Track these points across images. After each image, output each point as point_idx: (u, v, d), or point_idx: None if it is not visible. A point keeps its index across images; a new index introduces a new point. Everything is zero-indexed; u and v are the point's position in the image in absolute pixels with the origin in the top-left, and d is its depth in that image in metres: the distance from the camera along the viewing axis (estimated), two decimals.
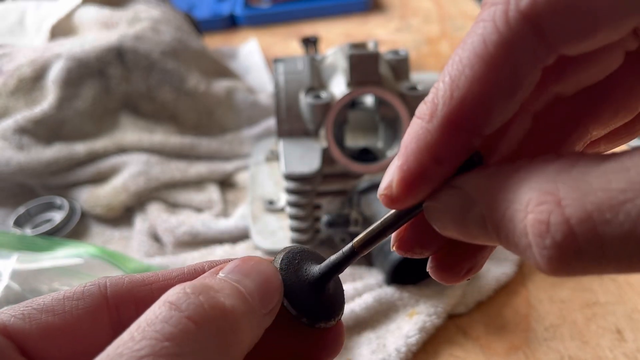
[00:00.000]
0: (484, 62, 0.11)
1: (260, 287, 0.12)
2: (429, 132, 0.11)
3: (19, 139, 0.43)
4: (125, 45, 0.47)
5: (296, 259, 0.14)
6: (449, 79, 0.11)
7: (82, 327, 0.13)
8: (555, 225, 0.09)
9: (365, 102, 0.41)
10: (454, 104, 0.11)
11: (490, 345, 0.31)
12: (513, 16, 0.10)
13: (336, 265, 0.14)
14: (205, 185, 0.44)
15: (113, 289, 0.13)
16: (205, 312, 0.11)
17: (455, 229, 0.11)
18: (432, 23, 0.70)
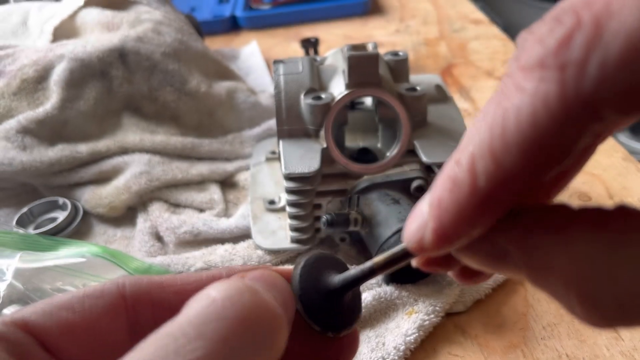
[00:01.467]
0: (534, 142, 0.09)
1: (288, 298, 0.13)
2: (469, 205, 0.10)
3: (21, 140, 0.43)
4: (127, 46, 0.47)
5: (317, 266, 0.14)
6: (489, 154, 0.10)
7: (101, 325, 0.13)
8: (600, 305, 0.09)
9: (365, 103, 0.42)
10: (499, 184, 0.10)
11: (489, 343, 0.31)
12: (572, 101, 0.09)
13: (354, 280, 0.14)
14: (207, 185, 0.45)
15: (131, 289, 0.13)
16: (257, 311, 0.11)
17: (486, 269, 0.11)
18: (431, 25, 0.70)
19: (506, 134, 0.09)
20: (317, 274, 0.14)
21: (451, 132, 0.36)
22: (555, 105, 0.09)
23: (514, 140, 0.09)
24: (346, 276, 0.14)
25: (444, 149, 0.34)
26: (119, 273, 0.34)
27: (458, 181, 0.10)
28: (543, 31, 0.09)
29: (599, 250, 0.10)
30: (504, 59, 0.61)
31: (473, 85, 0.57)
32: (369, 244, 0.35)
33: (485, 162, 0.10)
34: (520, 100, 0.09)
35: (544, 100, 0.09)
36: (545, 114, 0.09)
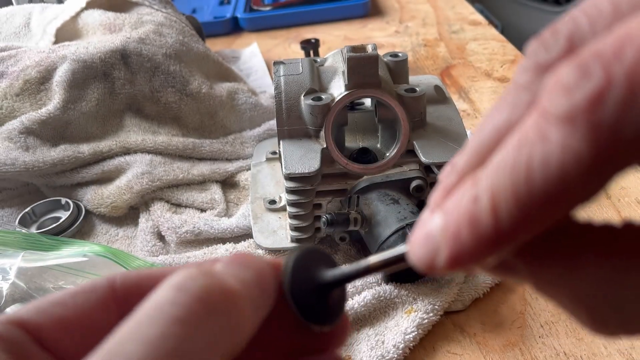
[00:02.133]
0: (561, 192, 0.09)
1: (257, 278, 0.13)
2: (489, 242, 0.10)
3: (24, 140, 0.43)
4: (129, 47, 0.48)
5: (308, 259, 0.14)
6: (513, 200, 0.09)
7: (94, 319, 0.13)
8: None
9: (365, 104, 0.42)
10: (521, 227, 0.09)
11: (487, 341, 0.32)
12: (605, 160, 0.08)
13: (347, 276, 0.14)
14: (208, 185, 0.45)
15: (122, 283, 0.14)
16: (212, 293, 0.11)
17: (490, 275, 0.11)
18: (430, 26, 0.71)
19: (532, 183, 0.09)
20: (308, 268, 0.14)
21: (450, 133, 0.36)
22: (586, 162, 0.08)
23: (541, 189, 0.09)
24: (339, 272, 0.14)
25: (443, 149, 0.34)
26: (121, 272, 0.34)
27: (479, 220, 0.10)
28: (569, 79, 0.09)
29: (608, 276, 0.10)
30: (502, 60, 0.62)
31: (472, 86, 0.58)
32: (369, 244, 0.35)
33: (509, 207, 0.09)
34: (546, 150, 0.09)
35: (574, 156, 0.08)
36: (575, 169, 0.09)
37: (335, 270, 0.15)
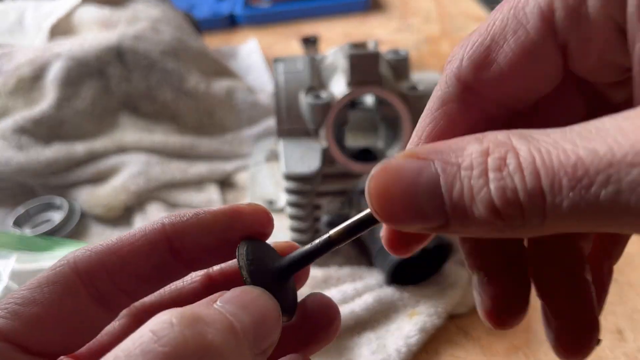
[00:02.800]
0: None
1: (257, 324, 0.12)
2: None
3: (18, 139, 0.43)
4: (125, 44, 0.47)
5: (261, 249, 0.14)
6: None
7: (65, 309, 0.13)
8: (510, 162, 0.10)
9: (366, 102, 0.41)
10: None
11: (491, 345, 0.31)
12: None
13: (309, 255, 0.13)
14: (205, 185, 0.44)
15: (83, 264, 0.14)
16: (188, 348, 0.10)
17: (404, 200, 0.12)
18: (432, 23, 0.70)
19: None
20: (263, 254, 0.14)
21: None
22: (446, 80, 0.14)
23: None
24: (299, 252, 0.13)
25: None
26: None
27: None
28: None
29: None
30: None
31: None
32: (369, 245, 0.34)
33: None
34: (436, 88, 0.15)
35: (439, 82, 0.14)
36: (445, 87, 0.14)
37: (293, 253, 0.14)
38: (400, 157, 0.11)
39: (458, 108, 0.14)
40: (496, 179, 0.10)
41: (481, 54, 0.13)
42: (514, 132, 0.11)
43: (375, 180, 0.11)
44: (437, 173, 0.11)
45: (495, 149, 0.10)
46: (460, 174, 0.11)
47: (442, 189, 0.11)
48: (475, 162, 0.10)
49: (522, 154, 0.10)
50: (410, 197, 0.11)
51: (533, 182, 0.10)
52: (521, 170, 0.10)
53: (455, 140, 0.11)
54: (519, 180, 0.10)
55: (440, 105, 0.14)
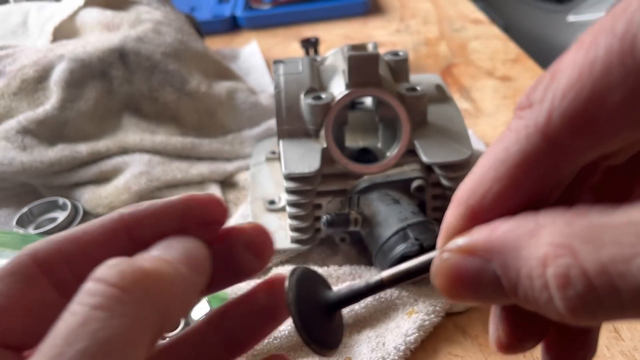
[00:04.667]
0: (508, 175, 0.12)
1: (185, 254, 0.13)
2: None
3: (21, 140, 0.43)
4: (128, 46, 0.47)
5: (308, 278, 0.14)
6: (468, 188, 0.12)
7: (27, 299, 0.13)
8: (576, 278, 0.09)
9: (365, 103, 0.42)
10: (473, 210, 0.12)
11: (489, 343, 0.31)
12: (536, 130, 0.11)
13: (358, 294, 0.14)
14: (207, 185, 0.45)
15: (42, 254, 0.14)
16: (127, 276, 0.11)
17: (469, 293, 0.12)
18: (431, 24, 0.70)
19: (484, 165, 0.12)
20: (310, 288, 0.14)
21: (451, 132, 0.36)
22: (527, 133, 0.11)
23: (490, 169, 0.12)
24: (349, 289, 0.14)
25: (444, 149, 0.34)
26: None
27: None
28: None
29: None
30: (504, 58, 0.61)
31: (473, 85, 0.57)
32: (369, 244, 0.35)
33: (466, 188, 0.13)
34: (508, 136, 0.12)
35: (516, 132, 0.12)
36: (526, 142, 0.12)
37: (341, 290, 0.14)
38: (457, 251, 0.11)
39: (535, 171, 0.12)
40: (561, 299, 0.10)
41: (579, 108, 0.10)
42: (575, 229, 0.10)
43: (440, 279, 0.12)
44: (497, 276, 0.11)
45: (554, 259, 0.10)
46: (521, 282, 0.10)
47: (506, 289, 0.11)
48: (535, 274, 0.10)
49: (589, 268, 0.09)
50: (477, 292, 0.11)
51: (611, 298, 0.09)
52: (591, 288, 0.09)
53: (509, 232, 0.11)
54: (592, 298, 0.09)
55: (513, 164, 0.12)
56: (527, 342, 0.13)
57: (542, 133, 0.11)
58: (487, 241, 0.11)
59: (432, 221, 0.33)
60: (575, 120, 0.11)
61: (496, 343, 0.13)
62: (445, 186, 0.35)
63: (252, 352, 0.31)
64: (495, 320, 0.13)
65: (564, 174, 0.12)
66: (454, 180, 0.34)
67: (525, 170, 0.12)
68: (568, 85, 0.11)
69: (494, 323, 0.13)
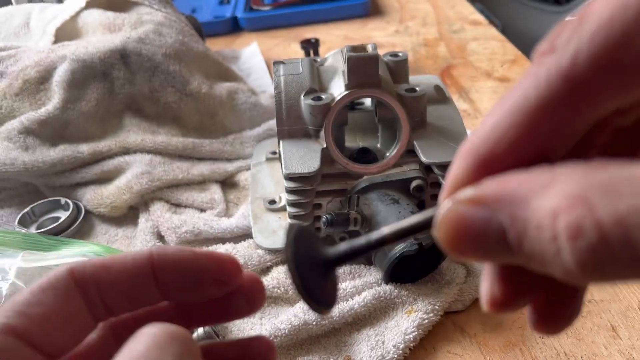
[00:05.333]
0: (544, 106, 0.11)
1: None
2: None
3: (23, 140, 0.43)
4: (129, 47, 0.47)
5: (306, 237, 0.13)
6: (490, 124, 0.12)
7: (66, 311, 0.14)
8: (589, 229, 0.09)
9: (365, 104, 0.42)
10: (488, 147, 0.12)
11: (487, 342, 0.32)
12: (558, 73, 0.11)
13: (358, 249, 0.13)
14: (208, 185, 0.45)
15: (78, 273, 0.15)
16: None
17: (472, 246, 0.11)
18: (430, 26, 0.71)
19: (498, 109, 0.12)
20: (308, 245, 0.13)
21: (450, 133, 0.36)
22: (549, 78, 0.11)
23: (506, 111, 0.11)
24: (350, 245, 0.13)
25: (443, 149, 0.34)
26: None
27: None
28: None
29: None
30: (502, 59, 0.62)
31: (472, 86, 0.58)
32: None
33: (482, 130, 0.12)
34: (526, 82, 0.11)
35: (536, 77, 0.11)
36: (546, 87, 0.11)
37: (340, 246, 0.13)
38: (464, 202, 0.11)
39: (554, 117, 0.11)
40: (571, 251, 0.09)
41: (608, 51, 0.10)
42: (593, 181, 0.09)
43: (443, 227, 0.11)
44: (504, 228, 0.10)
45: (567, 209, 0.09)
46: (528, 233, 0.10)
47: (512, 243, 0.10)
48: (544, 223, 0.09)
49: (604, 219, 0.09)
50: (480, 245, 0.11)
51: (625, 252, 0.08)
52: (605, 240, 0.09)
53: (522, 184, 0.10)
54: (604, 252, 0.09)
55: (531, 109, 0.11)
56: (521, 300, 0.13)
57: (565, 77, 0.10)
58: (497, 191, 0.10)
59: None
60: (601, 64, 0.10)
61: (489, 301, 0.13)
62: None
63: None
64: (490, 277, 0.13)
65: (581, 123, 0.11)
66: None
67: (545, 115, 0.11)
68: (597, 27, 0.10)
69: (488, 281, 0.13)
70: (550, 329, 0.13)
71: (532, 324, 0.13)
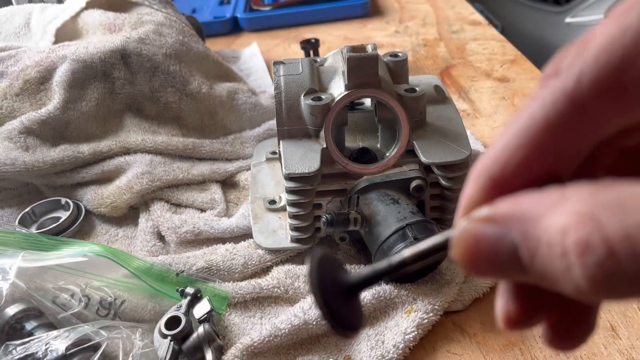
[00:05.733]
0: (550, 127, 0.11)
1: None
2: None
3: (24, 140, 0.43)
4: (129, 47, 0.48)
5: (329, 263, 0.14)
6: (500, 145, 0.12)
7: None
8: (597, 245, 0.09)
9: (365, 104, 0.42)
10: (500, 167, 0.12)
11: (487, 342, 0.32)
12: (563, 95, 0.11)
13: (381, 274, 0.13)
14: (208, 185, 0.45)
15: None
16: None
17: (486, 263, 0.11)
18: (430, 26, 0.71)
19: (509, 130, 0.12)
20: (331, 271, 0.13)
21: (450, 133, 0.36)
22: (554, 100, 0.11)
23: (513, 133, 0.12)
24: (372, 270, 0.13)
25: (443, 149, 0.34)
26: (121, 272, 0.34)
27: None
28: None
29: None
30: (502, 60, 0.62)
31: (472, 86, 0.58)
32: (369, 244, 0.35)
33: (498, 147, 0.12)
34: (532, 105, 0.12)
35: (542, 100, 0.11)
36: (552, 108, 0.11)
37: (363, 271, 0.14)
38: (479, 221, 0.11)
39: (560, 136, 0.11)
40: (580, 266, 0.09)
41: (609, 74, 0.10)
42: (600, 199, 0.09)
43: (459, 245, 0.11)
44: (516, 245, 0.10)
45: (577, 226, 0.09)
46: (539, 250, 0.10)
47: (524, 260, 0.10)
48: (555, 241, 0.09)
49: (612, 234, 0.09)
50: (494, 262, 0.11)
51: (633, 266, 0.09)
52: (613, 255, 0.09)
53: (534, 203, 0.10)
54: (612, 267, 0.09)
55: (539, 130, 0.11)
56: (536, 318, 0.13)
57: (570, 98, 0.11)
58: (509, 210, 0.11)
59: (431, 221, 0.33)
60: (604, 86, 0.11)
61: (504, 318, 0.13)
62: (444, 186, 0.35)
63: (253, 350, 0.31)
64: (505, 295, 0.13)
65: (586, 143, 0.11)
66: (453, 180, 0.34)
67: (550, 136, 0.11)
68: (599, 50, 0.10)
69: (503, 298, 0.13)
70: (566, 346, 0.13)
71: (548, 341, 0.13)
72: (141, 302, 0.33)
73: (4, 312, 0.31)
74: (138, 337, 0.30)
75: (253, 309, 0.35)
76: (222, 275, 0.36)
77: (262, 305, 0.35)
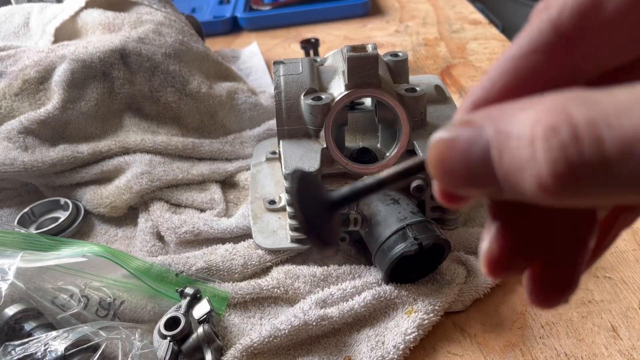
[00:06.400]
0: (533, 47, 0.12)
1: None
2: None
3: (23, 140, 0.43)
4: (129, 47, 0.47)
5: (310, 180, 0.14)
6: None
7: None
8: (564, 128, 0.09)
9: (365, 104, 0.42)
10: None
11: (487, 342, 0.32)
12: (547, 24, 0.12)
13: (360, 191, 0.14)
14: (207, 185, 0.45)
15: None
16: None
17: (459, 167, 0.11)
18: (430, 26, 0.71)
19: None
20: (312, 188, 0.14)
21: None
22: (540, 27, 0.12)
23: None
24: (352, 188, 0.14)
25: None
26: (120, 272, 0.34)
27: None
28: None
29: None
30: None
31: (472, 85, 0.58)
32: (369, 244, 0.35)
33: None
34: (521, 34, 0.12)
35: (529, 28, 0.12)
36: (537, 35, 0.12)
37: (343, 189, 0.14)
38: (457, 124, 0.11)
39: (544, 60, 0.12)
40: (544, 150, 0.09)
41: (587, 4, 0.11)
42: (572, 95, 0.10)
43: (433, 150, 0.11)
44: (488, 143, 0.10)
45: (547, 116, 0.09)
46: (509, 144, 0.10)
47: (493, 159, 0.10)
48: (524, 132, 0.10)
49: (578, 120, 0.09)
50: (465, 166, 0.11)
51: (594, 151, 0.09)
52: (576, 138, 0.09)
53: (511, 105, 0.11)
54: (574, 151, 0.09)
55: (524, 54, 0.12)
56: (518, 262, 0.13)
57: (554, 26, 0.12)
58: (486, 112, 0.11)
59: (431, 221, 0.33)
60: (583, 14, 0.11)
61: (486, 259, 0.13)
62: None
63: (253, 351, 0.31)
64: (488, 235, 0.13)
65: (579, 72, 0.12)
66: None
67: (534, 61, 0.12)
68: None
69: (486, 239, 0.13)
70: (546, 300, 0.13)
71: (528, 294, 0.13)
72: (140, 303, 0.33)
73: (3, 313, 0.31)
74: (137, 338, 0.30)
75: (253, 310, 0.34)
76: (221, 275, 0.36)
77: (261, 305, 0.35)
